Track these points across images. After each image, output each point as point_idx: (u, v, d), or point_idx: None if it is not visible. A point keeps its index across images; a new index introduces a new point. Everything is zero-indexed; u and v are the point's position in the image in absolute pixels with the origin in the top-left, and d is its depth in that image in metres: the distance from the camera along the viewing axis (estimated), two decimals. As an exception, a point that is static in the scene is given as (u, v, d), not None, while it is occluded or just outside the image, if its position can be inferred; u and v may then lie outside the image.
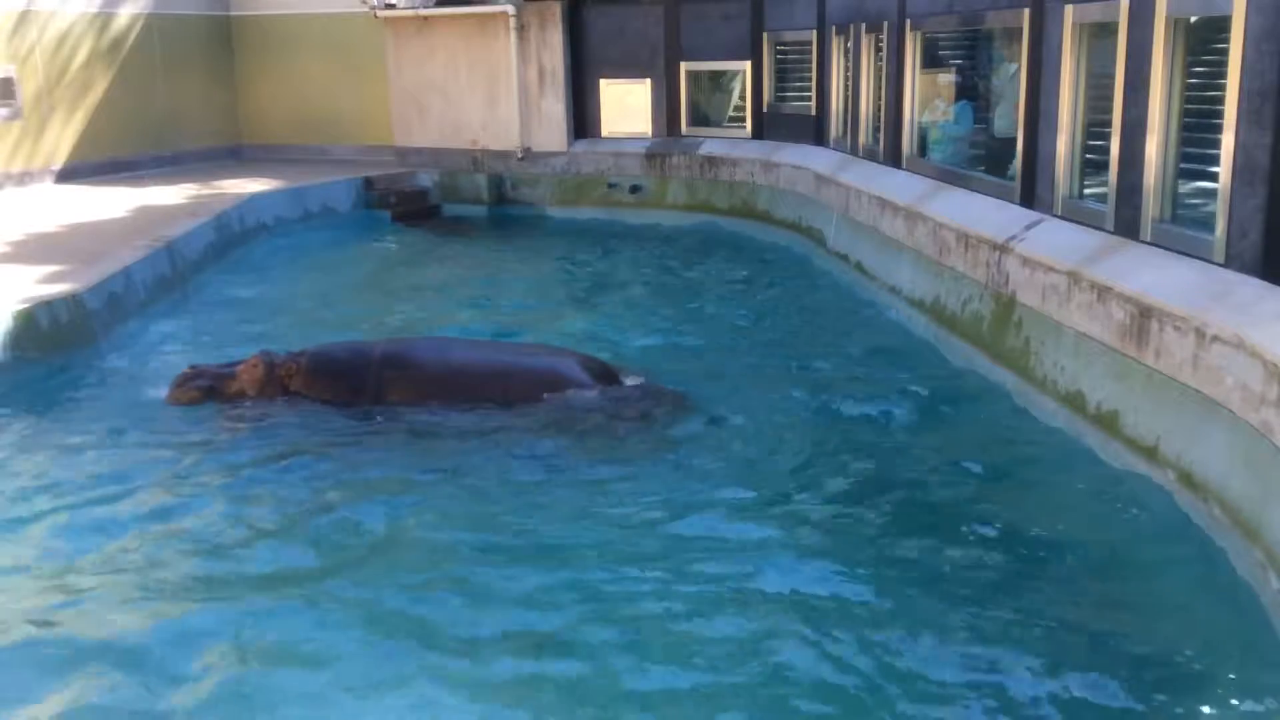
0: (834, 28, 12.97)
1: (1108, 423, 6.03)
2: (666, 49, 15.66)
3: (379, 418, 6.94)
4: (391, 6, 16.61)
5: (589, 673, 4.22)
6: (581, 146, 16.38)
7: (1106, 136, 6.85)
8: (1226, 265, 5.61)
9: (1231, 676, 4.11)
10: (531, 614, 4.64)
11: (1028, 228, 7.59)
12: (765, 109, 15.02)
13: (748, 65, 15.06)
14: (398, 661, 4.31)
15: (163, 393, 7.36)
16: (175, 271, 10.78)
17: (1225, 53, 5.58)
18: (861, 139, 12.01)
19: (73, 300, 8.46)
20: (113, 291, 9.15)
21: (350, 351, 7.37)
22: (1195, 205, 6.17)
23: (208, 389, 7.25)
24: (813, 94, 13.89)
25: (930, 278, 8.96)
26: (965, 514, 5.54)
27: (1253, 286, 5.29)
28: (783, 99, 14.85)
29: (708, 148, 15.26)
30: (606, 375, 7.22)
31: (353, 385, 7.12)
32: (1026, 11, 8.00)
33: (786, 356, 8.52)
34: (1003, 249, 7.60)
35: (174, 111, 17.80)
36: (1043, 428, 6.63)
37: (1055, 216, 7.54)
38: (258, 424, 6.92)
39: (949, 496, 5.80)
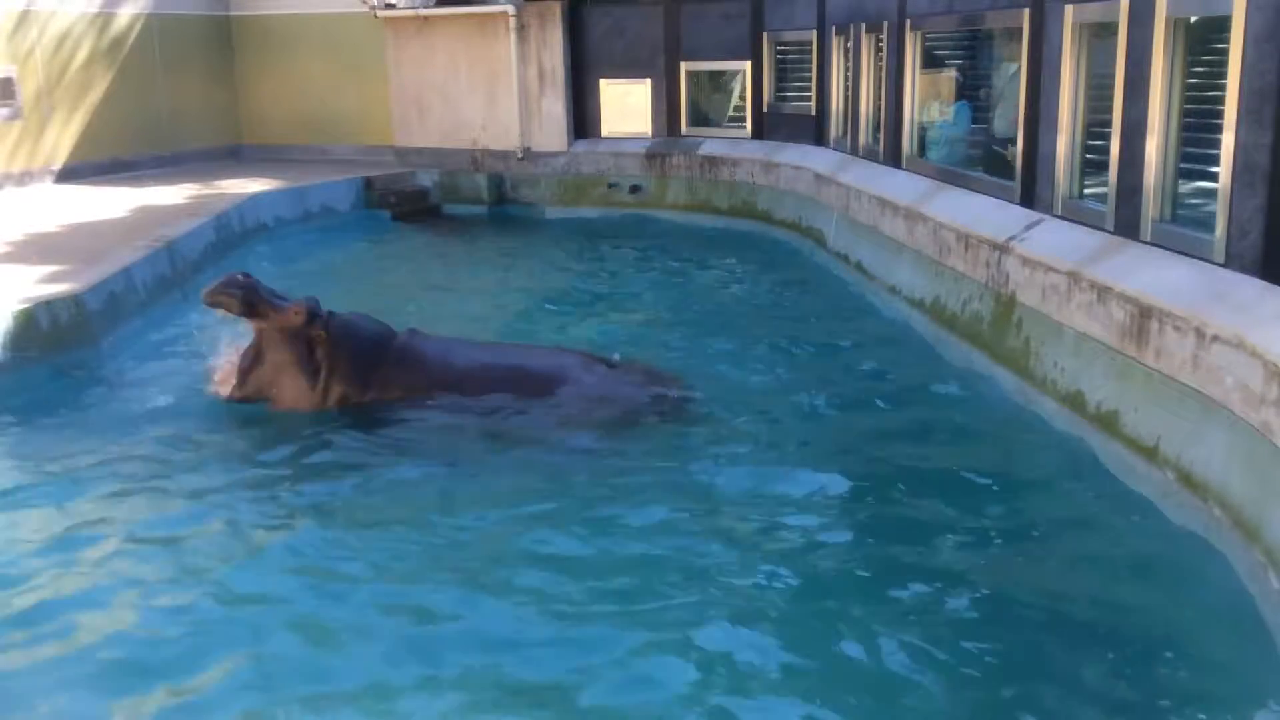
0: (834, 28, 12.97)
1: (1108, 423, 6.02)
2: (666, 49, 15.66)
3: (387, 413, 6.92)
4: (391, 6, 16.61)
5: (615, 675, 4.22)
6: (581, 146, 16.38)
7: (1106, 136, 6.84)
8: (1226, 265, 5.61)
9: (1231, 676, 4.12)
10: (545, 612, 4.65)
11: (1028, 228, 7.59)
12: (765, 109, 15.02)
13: (748, 65, 15.06)
14: (411, 664, 4.31)
15: (163, 398, 7.35)
16: (175, 271, 10.78)
17: (1225, 53, 5.58)
18: (861, 139, 12.01)
19: (73, 300, 8.45)
20: (113, 291, 9.14)
21: (375, 338, 7.17)
22: (1195, 205, 6.17)
23: (244, 303, 6.80)
24: (813, 94, 13.89)
25: (930, 277, 8.96)
26: (963, 514, 5.54)
27: (1253, 286, 5.29)
28: (783, 99, 14.84)
29: (708, 148, 15.25)
30: (614, 376, 7.20)
31: (363, 371, 7.00)
32: (1026, 11, 8.00)
33: (785, 356, 8.52)
34: (1003, 249, 7.60)
35: (174, 111, 17.79)
36: (1042, 428, 6.63)
37: (1055, 216, 7.53)
38: (263, 418, 6.91)
39: (948, 497, 5.79)
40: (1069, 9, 7.33)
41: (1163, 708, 3.95)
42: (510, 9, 16.00)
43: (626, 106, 16.07)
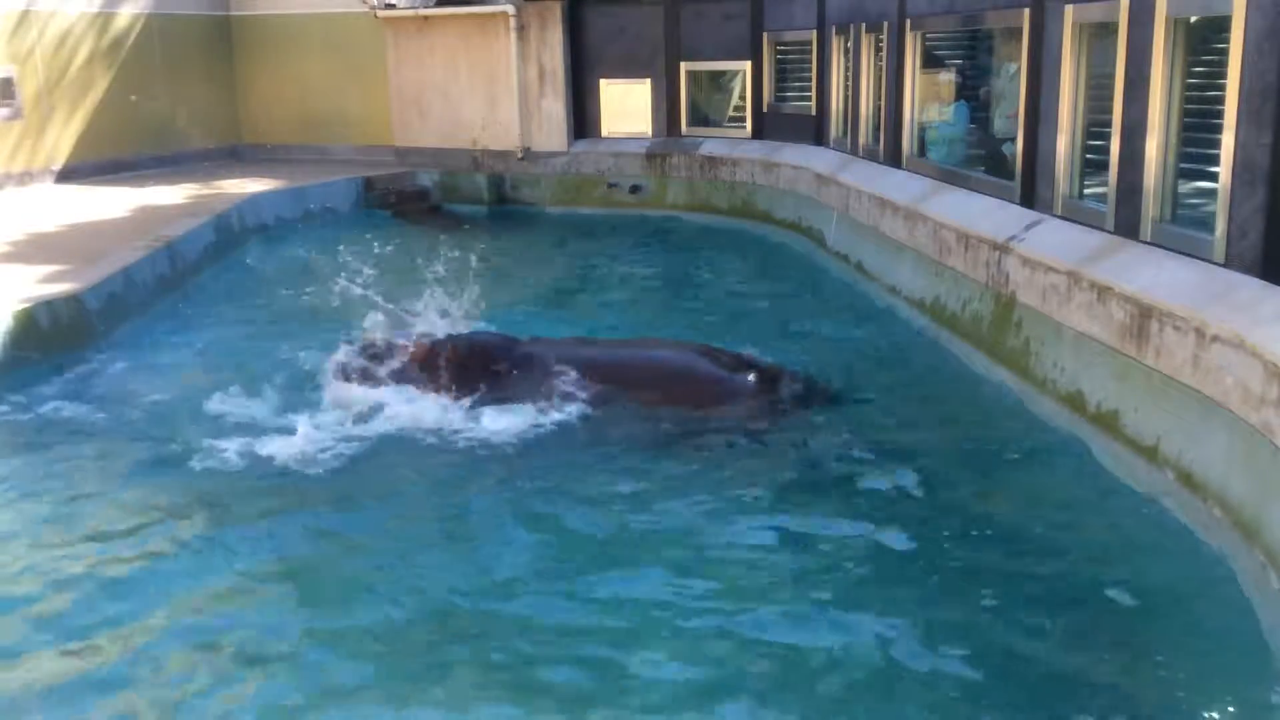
0: (834, 28, 12.97)
1: (1108, 423, 6.03)
2: (666, 49, 15.66)
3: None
4: (391, 6, 16.62)
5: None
6: (581, 146, 16.38)
7: (1106, 136, 6.84)
8: (1226, 265, 5.61)
9: (1230, 676, 4.12)
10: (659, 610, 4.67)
11: (1028, 228, 7.59)
12: (765, 109, 15.02)
13: (748, 65, 15.07)
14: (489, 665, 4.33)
15: (162, 397, 7.34)
16: (175, 271, 10.78)
17: (1225, 53, 5.58)
18: (861, 139, 12.01)
19: (73, 300, 8.46)
20: (113, 291, 9.15)
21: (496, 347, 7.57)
22: (1195, 205, 6.17)
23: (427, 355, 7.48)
24: (813, 94, 13.89)
25: (930, 277, 8.96)
26: (964, 515, 5.54)
27: (1253, 286, 5.29)
28: (783, 99, 14.85)
29: (708, 148, 15.26)
30: (739, 368, 7.25)
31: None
32: (1026, 11, 8.00)
33: (784, 357, 8.49)
34: (1003, 249, 7.60)
35: (174, 111, 17.80)
36: (1042, 428, 6.63)
37: (1055, 216, 7.54)
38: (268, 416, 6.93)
39: (944, 497, 5.79)
40: (1069, 9, 7.33)
41: (1162, 706, 3.95)
42: (510, 9, 16.00)
43: (626, 106, 16.07)
